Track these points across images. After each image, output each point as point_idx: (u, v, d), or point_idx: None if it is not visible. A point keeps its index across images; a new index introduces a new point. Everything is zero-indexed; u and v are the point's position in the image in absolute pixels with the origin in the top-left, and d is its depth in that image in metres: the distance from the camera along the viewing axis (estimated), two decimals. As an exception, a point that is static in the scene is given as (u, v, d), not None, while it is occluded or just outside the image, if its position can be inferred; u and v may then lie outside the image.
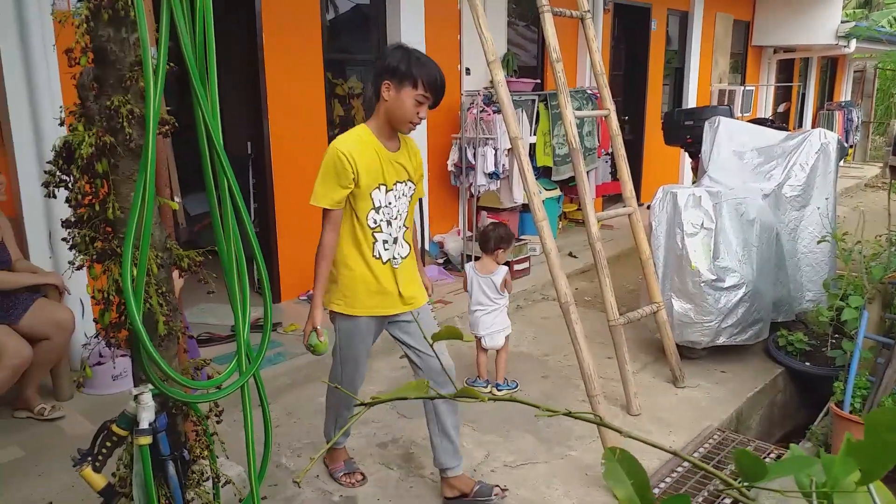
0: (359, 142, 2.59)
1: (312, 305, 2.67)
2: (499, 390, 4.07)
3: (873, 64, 15.79)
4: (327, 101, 5.60)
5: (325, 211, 2.61)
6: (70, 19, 1.33)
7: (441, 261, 6.42)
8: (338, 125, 5.85)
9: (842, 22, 11.73)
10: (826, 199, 4.66)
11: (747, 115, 10.80)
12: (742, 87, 11.11)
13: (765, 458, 3.50)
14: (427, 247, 6.35)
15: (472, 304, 4.02)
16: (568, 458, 3.38)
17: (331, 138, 5.64)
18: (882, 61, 15.98)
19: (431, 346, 0.79)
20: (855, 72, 17.02)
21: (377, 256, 2.69)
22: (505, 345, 4.05)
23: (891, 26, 15.01)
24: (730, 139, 4.81)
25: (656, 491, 3.03)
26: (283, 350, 4.42)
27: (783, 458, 0.68)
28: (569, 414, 0.69)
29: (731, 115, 5.71)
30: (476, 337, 4.02)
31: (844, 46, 11.89)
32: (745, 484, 0.64)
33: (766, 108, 12.68)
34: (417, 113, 2.56)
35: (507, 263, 6.07)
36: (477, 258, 4.42)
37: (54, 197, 1.46)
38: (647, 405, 3.86)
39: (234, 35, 5.39)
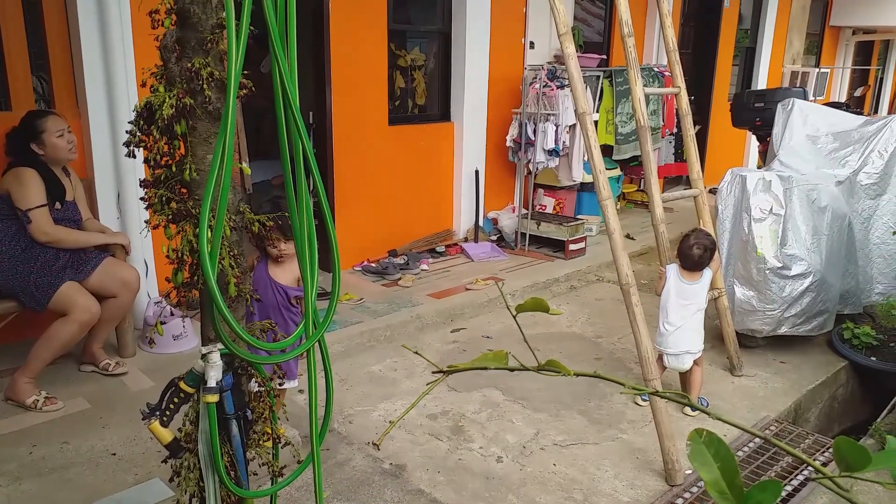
0: None
1: None
2: (693, 412, 3.60)
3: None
4: (389, 72, 5.59)
5: None
6: (154, -20, 1.35)
7: (494, 238, 6.39)
8: (398, 97, 5.84)
9: (928, 2, 11.13)
10: (904, 188, 4.45)
11: (821, 98, 10.41)
12: (816, 70, 10.66)
13: (823, 452, 3.40)
14: (481, 223, 6.32)
15: (665, 316, 3.54)
16: (619, 440, 3.35)
17: (392, 111, 5.67)
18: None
19: (515, 317, 0.78)
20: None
21: None
22: (698, 364, 3.60)
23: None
24: (804, 122, 4.62)
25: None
26: (336, 318, 4.48)
27: (887, 449, 0.65)
28: (656, 393, 0.68)
29: (806, 98, 5.48)
30: (659, 352, 3.55)
31: (929, 28, 11.32)
32: (843, 474, 0.62)
33: (840, 92, 12.16)
34: None
35: (563, 244, 6.04)
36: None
37: (134, 157, 1.49)
38: (701, 392, 3.80)
39: (300, 2, 5.40)
